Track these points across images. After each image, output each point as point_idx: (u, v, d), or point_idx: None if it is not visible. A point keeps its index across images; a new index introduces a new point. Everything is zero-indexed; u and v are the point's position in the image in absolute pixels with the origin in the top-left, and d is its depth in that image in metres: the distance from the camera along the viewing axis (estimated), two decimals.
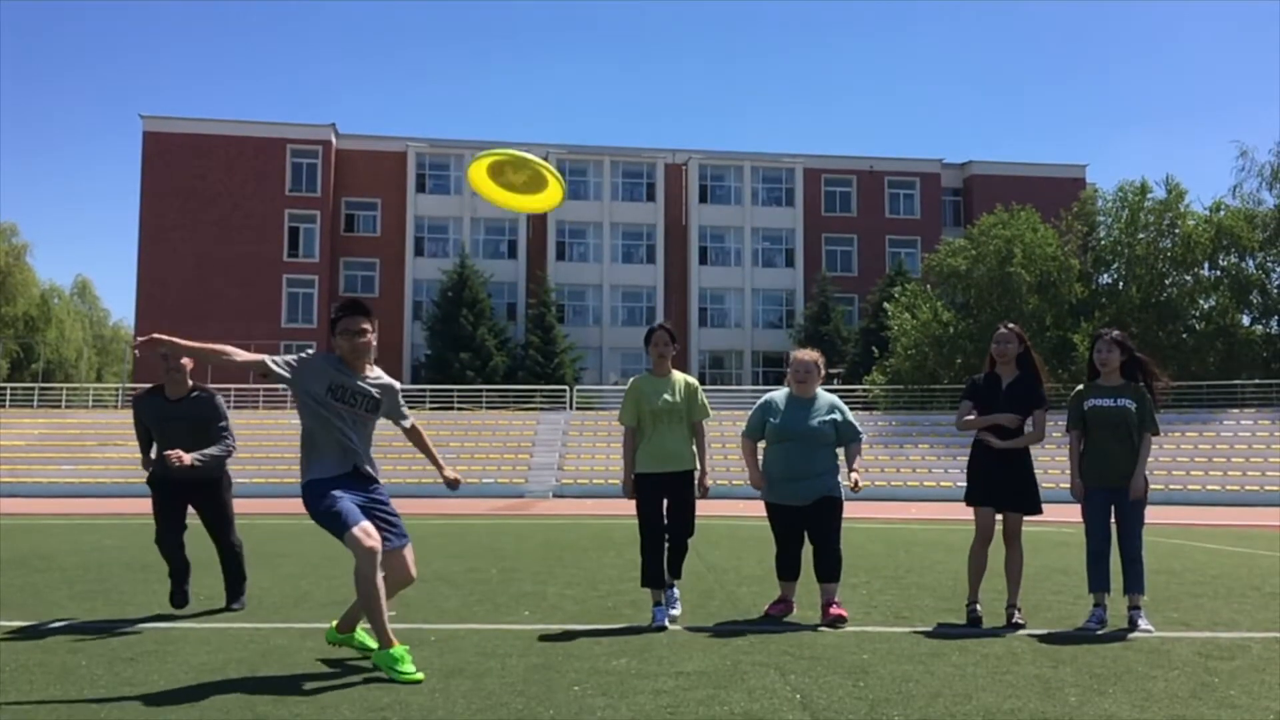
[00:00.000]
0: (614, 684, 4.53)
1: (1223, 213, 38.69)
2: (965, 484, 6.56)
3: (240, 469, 31.56)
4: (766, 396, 6.70)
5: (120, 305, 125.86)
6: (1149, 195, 39.21)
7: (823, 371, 6.63)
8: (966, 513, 6.53)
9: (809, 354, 6.68)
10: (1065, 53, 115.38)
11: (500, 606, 7.04)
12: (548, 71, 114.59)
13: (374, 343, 5.06)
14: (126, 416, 37.05)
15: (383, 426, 5.35)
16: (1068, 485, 6.49)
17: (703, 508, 6.78)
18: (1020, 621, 6.22)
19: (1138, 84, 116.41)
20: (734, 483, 31.17)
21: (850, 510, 6.57)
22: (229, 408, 7.31)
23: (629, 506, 6.39)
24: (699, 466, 6.39)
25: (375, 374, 5.13)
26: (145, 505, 7.38)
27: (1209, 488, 29.59)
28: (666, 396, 6.33)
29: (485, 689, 4.43)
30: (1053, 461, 24.97)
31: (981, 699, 4.28)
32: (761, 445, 6.66)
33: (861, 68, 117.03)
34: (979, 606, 6.41)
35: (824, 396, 6.58)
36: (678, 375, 6.48)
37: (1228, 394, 35.99)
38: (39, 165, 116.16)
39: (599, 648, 5.43)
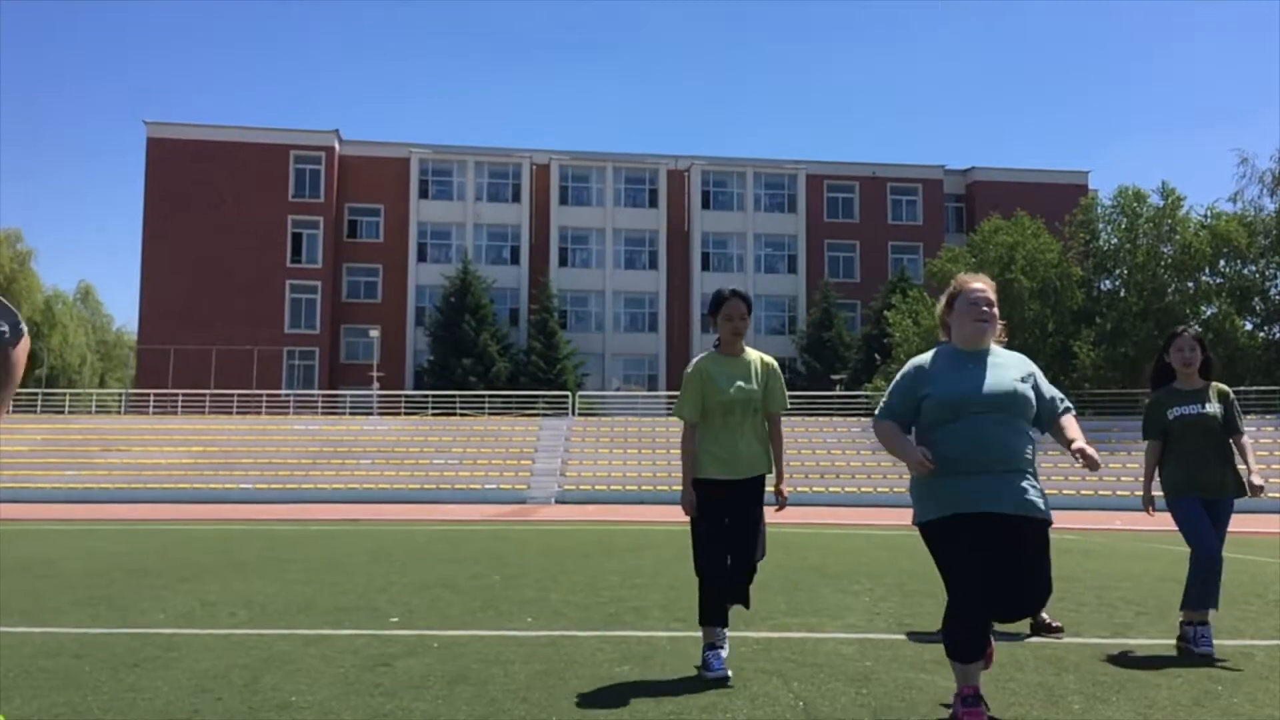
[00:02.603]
0: (617, 691, 4.53)
1: (1222, 219, 38.68)
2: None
3: (244, 474, 31.64)
4: (912, 362, 4.15)
5: (123, 311, 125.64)
6: (1146, 202, 39.22)
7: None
8: None
9: (985, 281, 4.13)
10: (1068, 59, 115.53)
11: (503, 613, 7.04)
12: (550, 78, 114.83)
13: None
14: (130, 422, 37.15)
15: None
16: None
17: None
18: (1055, 625, 6.23)
19: (1140, 91, 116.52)
20: None
21: (852, 516, 6.54)
22: (232, 411, 6.37)
23: (631, 513, 6.36)
24: (775, 470, 5.06)
25: None
26: (148, 510, 7.33)
27: None
28: (741, 383, 4.91)
29: (488, 695, 4.44)
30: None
31: None
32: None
33: (864, 74, 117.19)
34: None
35: (1004, 351, 4.14)
36: (752, 353, 5.05)
37: None
38: (43, 171, 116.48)
39: (602, 654, 5.43)
